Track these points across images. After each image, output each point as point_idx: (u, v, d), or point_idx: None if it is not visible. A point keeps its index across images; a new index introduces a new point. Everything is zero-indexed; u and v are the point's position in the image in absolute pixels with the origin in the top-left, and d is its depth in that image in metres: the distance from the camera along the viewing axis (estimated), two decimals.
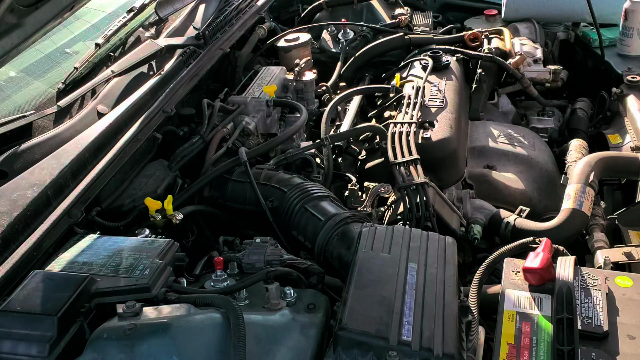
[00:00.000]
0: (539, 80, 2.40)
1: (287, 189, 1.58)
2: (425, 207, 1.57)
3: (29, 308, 1.07)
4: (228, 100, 2.01)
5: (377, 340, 1.01)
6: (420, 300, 1.09)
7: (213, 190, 1.70)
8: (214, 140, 1.80)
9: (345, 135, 1.96)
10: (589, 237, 1.64)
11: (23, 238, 1.30)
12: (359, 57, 2.49)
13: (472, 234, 1.67)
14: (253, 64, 2.46)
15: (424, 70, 2.18)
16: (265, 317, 1.10)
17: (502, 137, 2.08)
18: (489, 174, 1.91)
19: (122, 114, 1.72)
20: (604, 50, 2.41)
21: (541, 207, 1.87)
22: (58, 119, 1.76)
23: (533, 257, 1.24)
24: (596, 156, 1.79)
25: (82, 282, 1.12)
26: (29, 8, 1.40)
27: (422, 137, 1.80)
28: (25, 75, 1.98)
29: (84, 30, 2.30)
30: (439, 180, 1.74)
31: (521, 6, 2.71)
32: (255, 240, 1.37)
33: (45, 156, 1.52)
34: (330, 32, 2.73)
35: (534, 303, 1.18)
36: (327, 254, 1.42)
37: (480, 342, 1.17)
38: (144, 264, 1.19)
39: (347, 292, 1.10)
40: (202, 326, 1.04)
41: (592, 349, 1.07)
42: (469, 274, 1.56)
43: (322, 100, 2.29)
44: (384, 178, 1.73)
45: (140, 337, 1.00)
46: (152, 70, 2.04)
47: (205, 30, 2.24)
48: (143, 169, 1.69)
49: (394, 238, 1.24)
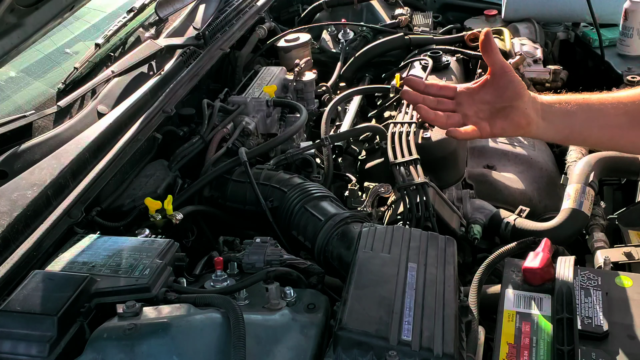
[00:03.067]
0: (539, 80, 2.39)
1: (287, 189, 1.59)
2: (425, 207, 1.57)
3: (29, 308, 1.07)
4: (228, 100, 2.01)
5: (377, 340, 1.01)
6: (420, 300, 1.09)
7: (213, 190, 1.70)
8: (214, 140, 1.80)
9: (345, 135, 1.96)
10: (589, 237, 1.63)
11: (23, 238, 1.30)
12: (359, 57, 2.49)
13: (472, 234, 1.67)
14: (253, 64, 2.46)
15: (424, 70, 2.18)
16: (265, 317, 1.10)
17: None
18: (489, 174, 1.91)
19: (122, 114, 1.72)
20: (604, 50, 2.41)
21: (541, 207, 1.87)
22: (58, 119, 1.75)
23: (533, 257, 1.24)
24: (596, 156, 1.79)
25: (82, 282, 1.12)
26: (29, 8, 1.40)
27: (422, 137, 1.80)
28: (25, 75, 1.98)
29: (84, 30, 2.30)
30: (439, 180, 1.74)
31: (521, 6, 2.71)
32: (255, 240, 1.37)
33: (45, 156, 1.52)
34: (330, 32, 2.73)
35: (534, 303, 1.18)
36: (327, 254, 1.42)
37: (480, 342, 1.17)
38: (144, 264, 1.19)
39: (347, 292, 1.11)
40: (202, 326, 1.04)
41: (592, 349, 1.07)
42: (469, 274, 1.56)
43: (322, 100, 2.29)
44: (384, 178, 1.73)
45: (140, 337, 1.00)
46: (152, 71, 2.04)
47: (205, 30, 2.24)
48: (143, 169, 1.69)
49: (394, 238, 1.24)
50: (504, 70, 1.17)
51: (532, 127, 1.18)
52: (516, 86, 1.17)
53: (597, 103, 1.19)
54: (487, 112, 1.19)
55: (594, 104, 1.19)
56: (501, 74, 1.17)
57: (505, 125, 1.18)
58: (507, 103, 1.17)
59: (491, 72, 1.18)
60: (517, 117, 1.17)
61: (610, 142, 1.25)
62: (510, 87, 1.17)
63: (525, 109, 1.17)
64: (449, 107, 1.21)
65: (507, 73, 1.17)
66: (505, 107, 1.18)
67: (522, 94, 1.17)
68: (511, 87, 1.17)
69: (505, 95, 1.17)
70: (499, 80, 1.18)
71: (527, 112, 1.17)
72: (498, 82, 1.18)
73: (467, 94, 1.20)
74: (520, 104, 1.17)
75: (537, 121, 1.18)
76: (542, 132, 1.20)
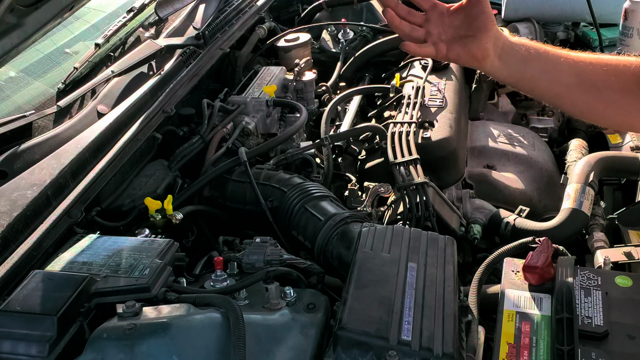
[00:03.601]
0: None
1: (287, 189, 1.58)
2: (425, 207, 1.57)
3: (29, 308, 1.07)
4: (228, 100, 2.01)
5: (376, 340, 1.01)
6: (420, 300, 1.09)
7: (213, 190, 1.70)
8: (214, 140, 1.79)
9: (345, 135, 1.96)
10: (589, 237, 1.63)
11: (23, 238, 1.30)
12: (359, 57, 2.49)
13: (472, 234, 1.67)
14: (253, 64, 2.46)
15: (424, 70, 2.18)
16: (265, 317, 1.10)
17: (502, 137, 2.08)
18: (489, 174, 1.91)
19: (122, 114, 1.72)
20: (604, 50, 2.41)
21: (541, 207, 1.87)
22: (58, 119, 1.76)
23: (533, 257, 1.24)
24: (596, 156, 1.79)
25: (82, 282, 1.12)
26: (29, 8, 1.39)
27: (422, 137, 1.81)
28: (25, 75, 1.98)
29: (84, 30, 2.30)
30: (439, 180, 1.74)
31: (521, 6, 2.71)
32: (255, 240, 1.37)
33: (45, 156, 1.52)
34: (330, 32, 2.73)
35: (534, 303, 1.18)
36: (327, 253, 1.42)
37: (480, 342, 1.17)
38: (143, 264, 1.19)
39: (347, 292, 1.11)
40: (202, 326, 1.04)
41: (591, 349, 1.07)
42: (469, 274, 1.56)
43: (322, 100, 2.29)
44: (384, 178, 1.73)
45: (140, 337, 1.00)
46: (152, 70, 2.04)
47: (205, 30, 2.24)
48: (143, 169, 1.69)
49: (394, 238, 1.24)
50: (479, 0, 1.19)
51: (487, 62, 1.20)
52: (485, 18, 1.19)
53: (554, 57, 1.21)
54: (449, 36, 1.22)
55: (551, 57, 1.21)
56: (476, 3, 1.19)
57: (462, 52, 1.21)
58: (471, 32, 1.20)
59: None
60: (475, 49, 1.19)
61: (555, 98, 1.26)
62: (480, 19, 1.19)
63: (486, 43, 1.19)
64: (416, 21, 1.24)
65: (481, 3, 1.19)
66: (467, 36, 1.20)
67: (488, 27, 1.19)
68: (481, 18, 1.19)
69: (473, 25, 1.19)
70: (472, 8, 1.20)
71: (486, 46, 1.19)
72: (471, 10, 1.20)
73: (438, 12, 1.23)
74: (483, 37, 1.19)
75: (492, 59, 1.20)
76: (495, 71, 1.22)
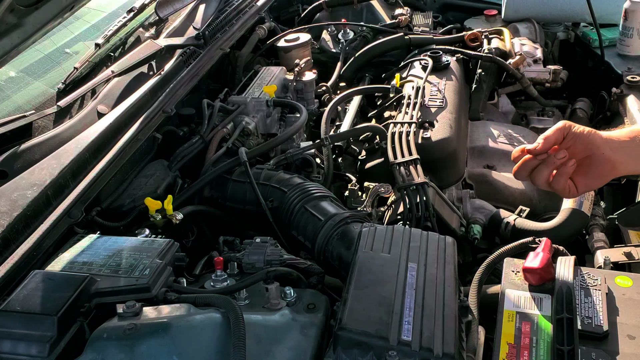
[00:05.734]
0: (539, 80, 2.39)
1: (287, 189, 1.58)
2: (425, 207, 1.57)
3: (29, 308, 1.07)
4: (228, 100, 2.01)
5: (377, 340, 1.01)
6: (420, 300, 1.09)
7: (213, 190, 1.70)
8: (214, 140, 1.80)
9: (345, 135, 1.96)
10: (589, 237, 1.64)
11: (23, 238, 1.30)
12: (359, 57, 2.49)
13: (472, 234, 1.67)
14: (253, 64, 2.46)
15: (424, 70, 2.19)
16: (265, 317, 1.10)
17: (502, 137, 2.08)
18: (489, 174, 1.91)
19: (122, 114, 1.72)
20: (604, 50, 2.41)
21: (541, 207, 1.87)
22: (58, 119, 1.76)
23: (533, 257, 1.24)
24: None
25: (82, 282, 1.12)
26: (29, 8, 1.39)
27: (422, 137, 1.81)
28: (25, 75, 1.98)
29: (84, 30, 2.30)
30: (439, 180, 1.74)
31: (521, 6, 2.71)
32: (255, 240, 1.37)
33: (45, 156, 1.52)
34: (330, 32, 2.73)
35: (534, 303, 1.18)
36: (327, 254, 1.42)
37: (480, 342, 1.17)
38: (144, 264, 1.19)
39: (347, 292, 1.11)
40: (202, 326, 1.04)
41: (592, 349, 1.07)
42: (469, 274, 1.56)
43: (322, 100, 2.29)
44: (384, 178, 1.73)
45: (140, 337, 1.00)
46: (152, 70, 2.04)
47: (205, 30, 2.24)
48: (143, 169, 1.69)
49: (394, 238, 1.24)
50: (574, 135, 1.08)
51: (619, 170, 1.10)
52: (585, 140, 1.08)
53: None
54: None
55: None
56: (572, 137, 1.09)
57: (590, 182, 1.11)
58: (583, 155, 1.10)
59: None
60: (598, 168, 1.09)
61: None
62: (578, 141, 1.09)
63: (603, 154, 1.08)
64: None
65: (577, 135, 1.08)
66: (583, 163, 1.10)
67: (596, 144, 1.08)
68: (579, 141, 1.09)
69: (578, 150, 1.09)
70: (566, 143, 1.09)
71: (607, 156, 1.08)
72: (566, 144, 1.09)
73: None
74: (597, 152, 1.08)
75: (619, 163, 1.09)
76: (630, 170, 1.11)
